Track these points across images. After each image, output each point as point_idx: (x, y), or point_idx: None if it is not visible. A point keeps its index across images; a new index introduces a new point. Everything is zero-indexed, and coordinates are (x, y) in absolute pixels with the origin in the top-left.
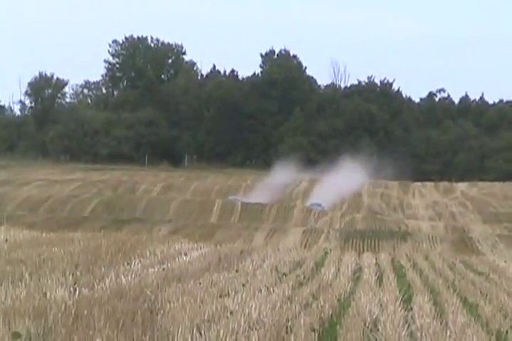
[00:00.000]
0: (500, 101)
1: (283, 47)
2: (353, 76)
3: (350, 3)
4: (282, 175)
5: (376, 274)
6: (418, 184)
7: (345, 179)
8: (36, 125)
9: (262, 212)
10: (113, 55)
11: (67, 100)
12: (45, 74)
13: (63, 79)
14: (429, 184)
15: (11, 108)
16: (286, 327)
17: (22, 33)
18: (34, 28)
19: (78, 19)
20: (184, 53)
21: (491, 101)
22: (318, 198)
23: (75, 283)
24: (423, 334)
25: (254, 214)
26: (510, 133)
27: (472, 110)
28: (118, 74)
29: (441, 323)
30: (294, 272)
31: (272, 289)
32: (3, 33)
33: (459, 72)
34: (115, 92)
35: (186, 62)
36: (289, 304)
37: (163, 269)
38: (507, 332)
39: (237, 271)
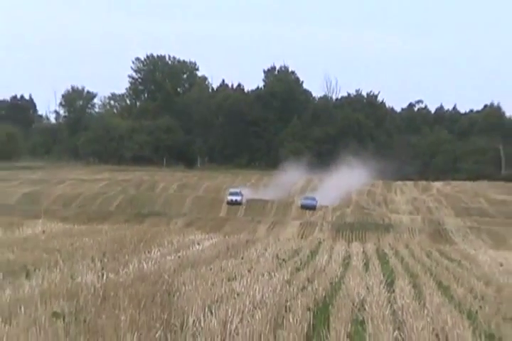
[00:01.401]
0: (471, 110)
1: (283, 64)
2: (343, 89)
3: (340, 25)
4: (284, 175)
5: (363, 261)
6: (400, 183)
7: (349, 179)
8: (69, 132)
9: (264, 207)
10: (136, 71)
11: (96, 110)
12: (77, 88)
13: (93, 92)
14: (409, 183)
15: (47, 117)
16: (286, 307)
17: (56, 50)
18: (67, 46)
19: (105, 39)
20: (197, 69)
21: (462, 111)
22: (320, 196)
23: (102, 269)
24: (404, 313)
25: (258, 209)
26: (479, 139)
27: (446, 118)
28: (140, 87)
29: (419, 303)
30: (292, 259)
31: (273, 274)
32: (39, 50)
33: (435, 86)
34: (137, 103)
35: (199, 77)
36: (287, 287)
37: (179, 257)
38: (477, 312)
39: (242, 258)
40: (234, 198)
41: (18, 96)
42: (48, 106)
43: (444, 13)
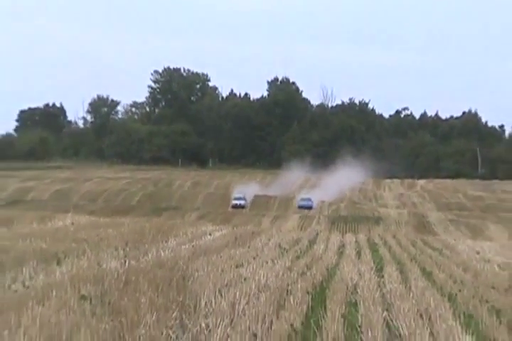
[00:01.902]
0: (451, 117)
1: (284, 76)
2: (338, 97)
3: (335, 41)
4: (285, 174)
5: (355, 250)
6: (388, 180)
7: (344, 177)
8: (95, 135)
9: (268, 202)
10: (154, 82)
11: (119, 116)
12: (102, 96)
13: (116, 100)
14: (396, 180)
15: (76, 122)
16: (287, 290)
17: (83, 63)
18: (93, 60)
19: (128, 53)
20: (209, 80)
21: (443, 117)
22: (319, 192)
23: (125, 256)
24: (392, 295)
25: (262, 204)
26: (458, 142)
27: (429, 124)
28: (158, 96)
29: (405, 287)
30: (293, 248)
31: (275, 261)
32: (69, 63)
33: (419, 94)
34: (156, 110)
35: (210, 87)
36: (289, 272)
37: (193, 246)
38: (456, 295)
39: (249, 247)
40: (238, 202)
41: (50, 104)
42: (77, 113)
43: (425, 29)
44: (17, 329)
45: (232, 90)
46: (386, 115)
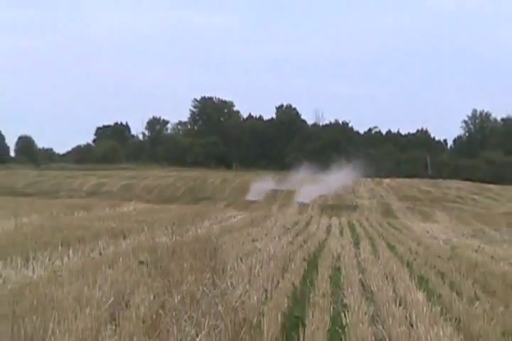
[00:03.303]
0: (409, 133)
1: (288, 103)
2: (327, 118)
3: (324, 77)
4: (289, 174)
5: (339, 229)
6: (363, 179)
7: (339, 177)
8: (151, 145)
9: (276, 194)
10: (194, 107)
11: (168, 131)
12: (156, 117)
13: (166, 120)
14: (369, 179)
15: (137, 136)
16: (289, 259)
17: (142, 91)
18: (149, 90)
19: (174, 85)
20: (233, 106)
21: (403, 133)
22: (315, 188)
23: (172, 233)
24: (365, 262)
25: (272, 195)
26: (413, 151)
27: (392, 138)
28: (197, 117)
29: (375, 257)
30: (294, 228)
31: (281, 237)
32: (132, 91)
33: (385, 116)
34: (195, 127)
35: (234, 111)
36: (290, 245)
37: (221, 226)
38: (412, 263)
39: (261, 227)
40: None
41: (119, 122)
42: (138, 129)
43: (386, 70)
44: (94, 285)
45: (250, 113)
46: (361, 131)
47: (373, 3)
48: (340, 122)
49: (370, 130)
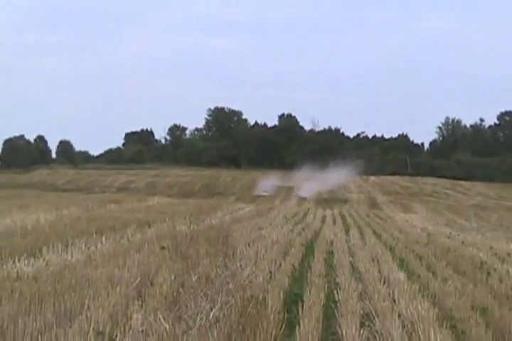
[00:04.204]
0: (391, 137)
1: (288, 112)
2: (322, 125)
3: (319, 89)
4: (290, 172)
5: (332, 219)
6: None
7: (335, 176)
8: (172, 148)
9: (279, 189)
10: (208, 115)
11: (187, 136)
12: (176, 124)
13: (185, 126)
14: (358, 177)
15: (160, 140)
16: (290, 244)
17: (165, 102)
18: (171, 98)
19: (191, 98)
20: (242, 114)
21: (386, 137)
22: (315, 184)
23: (190, 223)
24: (354, 247)
25: (275, 190)
26: (395, 153)
27: (377, 142)
28: (210, 124)
29: (363, 242)
30: (293, 218)
31: (283, 226)
32: (156, 102)
33: (371, 123)
34: (209, 133)
35: (243, 119)
36: (291, 233)
37: (232, 216)
38: (394, 247)
39: (266, 217)
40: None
41: (144, 129)
42: (160, 135)
43: (372, 82)
44: (123, 267)
45: (256, 121)
46: (351, 136)
47: (355, 29)
48: (333, 128)
49: (358, 135)
